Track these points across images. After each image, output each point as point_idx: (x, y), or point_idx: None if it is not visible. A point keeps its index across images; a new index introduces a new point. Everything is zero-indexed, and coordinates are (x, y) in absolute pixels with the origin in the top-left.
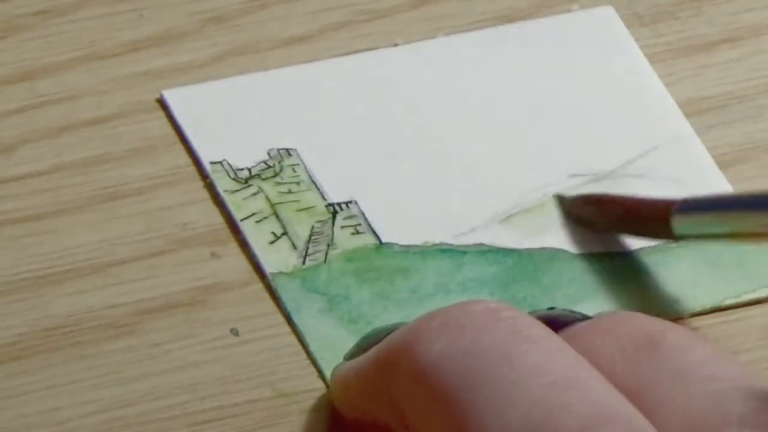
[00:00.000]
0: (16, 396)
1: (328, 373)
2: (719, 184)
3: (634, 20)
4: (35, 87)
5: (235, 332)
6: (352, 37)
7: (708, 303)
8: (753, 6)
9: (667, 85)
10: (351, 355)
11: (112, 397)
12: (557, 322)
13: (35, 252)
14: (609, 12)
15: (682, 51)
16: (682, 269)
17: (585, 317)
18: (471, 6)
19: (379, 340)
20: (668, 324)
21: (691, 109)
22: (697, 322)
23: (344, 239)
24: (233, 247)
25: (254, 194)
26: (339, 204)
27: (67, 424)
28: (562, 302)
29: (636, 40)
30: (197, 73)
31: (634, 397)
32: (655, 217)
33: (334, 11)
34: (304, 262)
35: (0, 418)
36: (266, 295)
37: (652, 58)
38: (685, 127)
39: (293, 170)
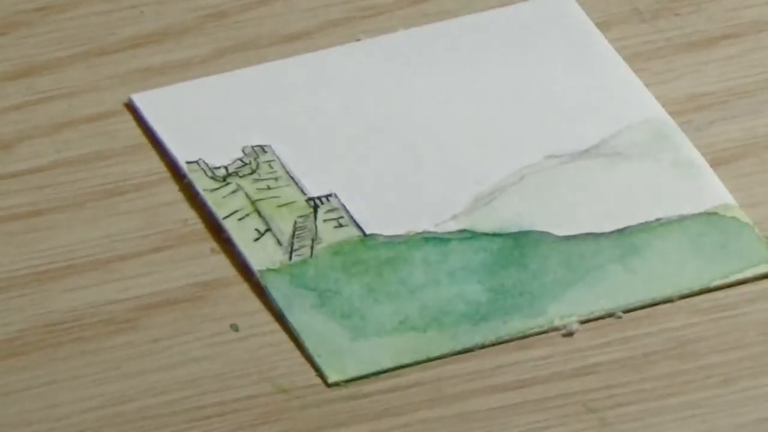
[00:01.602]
0: (16, 392)
1: (326, 370)
2: (694, 158)
3: (635, 16)
4: (35, 83)
5: (235, 328)
6: (353, 33)
7: (696, 285)
8: (753, 2)
9: (667, 81)
10: None
11: (112, 392)
12: None
13: (35, 248)
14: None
15: (682, 47)
16: (667, 249)
17: None
18: (470, 1)
19: None
20: None
21: (691, 105)
22: (695, 317)
23: (328, 233)
24: (231, 243)
25: (233, 192)
26: (319, 198)
27: (68, 419)
28: (552, 288)
29: (636, 36)
30: (197, 69)
31: None
32: None
33: (334, 7)
34: (290, 258)
35: (1, 414)
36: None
37: (653, 54)
38: (654, 105)
39: (270, 166)
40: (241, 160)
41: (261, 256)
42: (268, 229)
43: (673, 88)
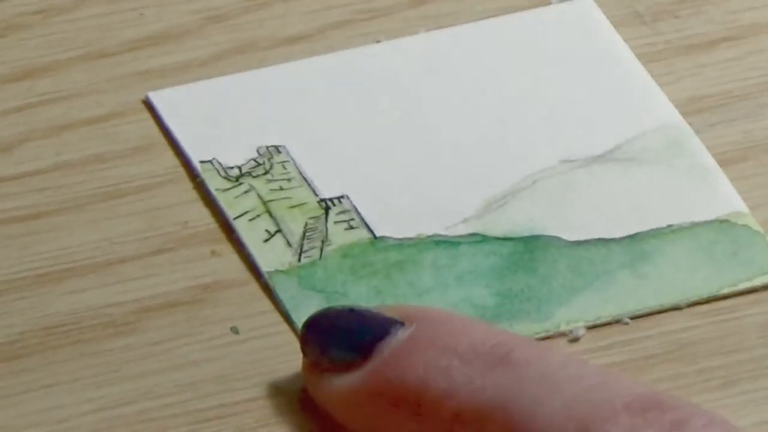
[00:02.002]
0: (16, 394)
1: None
2: (709, 165)
3: (635, 19)
4: (35, 86)
5: (235, 330)
6: (353, 35)
7: (705, 292)
8: (753, 5)
9: (667, 83)
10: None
11: (112, 395)
12: (372, 334)
13: (35, 251)
14: (589, 3)
15: (682, 49)
16: (678, 256)
17: (391, 321)
18: (471, 4)
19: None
20: (494, 330)
21: (691, 108)
22: (695, 320)
23: (338, 235)
24: (233, 245)
25: (246, 192)
26: (331, 199)
27: (68, 422)
28: (560, 292)
29: (636, 38)
30: (198, 72)
31: (503, 409)
32: None
33: (334, 10)
34: (299, 260)
35: (0, 417)
36: (266, 293)
37: (652, 57)
38: (671, 111)
39: (283, 167)
40: (255, 160)
41: (270, 257)
42: (279, 230)
43: (673, 91)
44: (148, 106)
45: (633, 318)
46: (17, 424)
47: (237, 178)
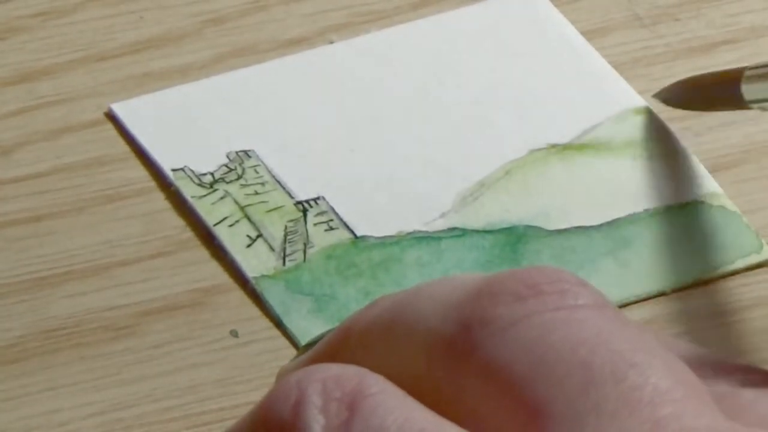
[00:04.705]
0: (16, 398)
1: None
2: (677, 147)
3: (634, 21)
4: (35, 88)
5: (234, 334)
6: (352, 38)
7: (688, 278)
8: (753, 8)
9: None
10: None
11: (112, 398)
12: None
13: (35, 254)
14: None
15: (681, 52)
16: (657, 241)
17: None
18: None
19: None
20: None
21: (690, 111)
22: (697, 323)
23: (319, 236)
24: None
25: (222, 198)
26: (308, 201)
27: (68, 425)
28: None
29: (635, 41)
30: (197, 74)
31: None
32: (724, 85)
33: (333, 12)
34: (284, 263)
35: (0, 420)
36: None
37: (652, 60)
38: (633, 95)
39: (255, 171)
40: (226, 166)
41: (255, 262)
42: (260, 235)
43: None
44: (112, 117)
45: (621, 306)
46: (17, 428)
47: (211, 185)
